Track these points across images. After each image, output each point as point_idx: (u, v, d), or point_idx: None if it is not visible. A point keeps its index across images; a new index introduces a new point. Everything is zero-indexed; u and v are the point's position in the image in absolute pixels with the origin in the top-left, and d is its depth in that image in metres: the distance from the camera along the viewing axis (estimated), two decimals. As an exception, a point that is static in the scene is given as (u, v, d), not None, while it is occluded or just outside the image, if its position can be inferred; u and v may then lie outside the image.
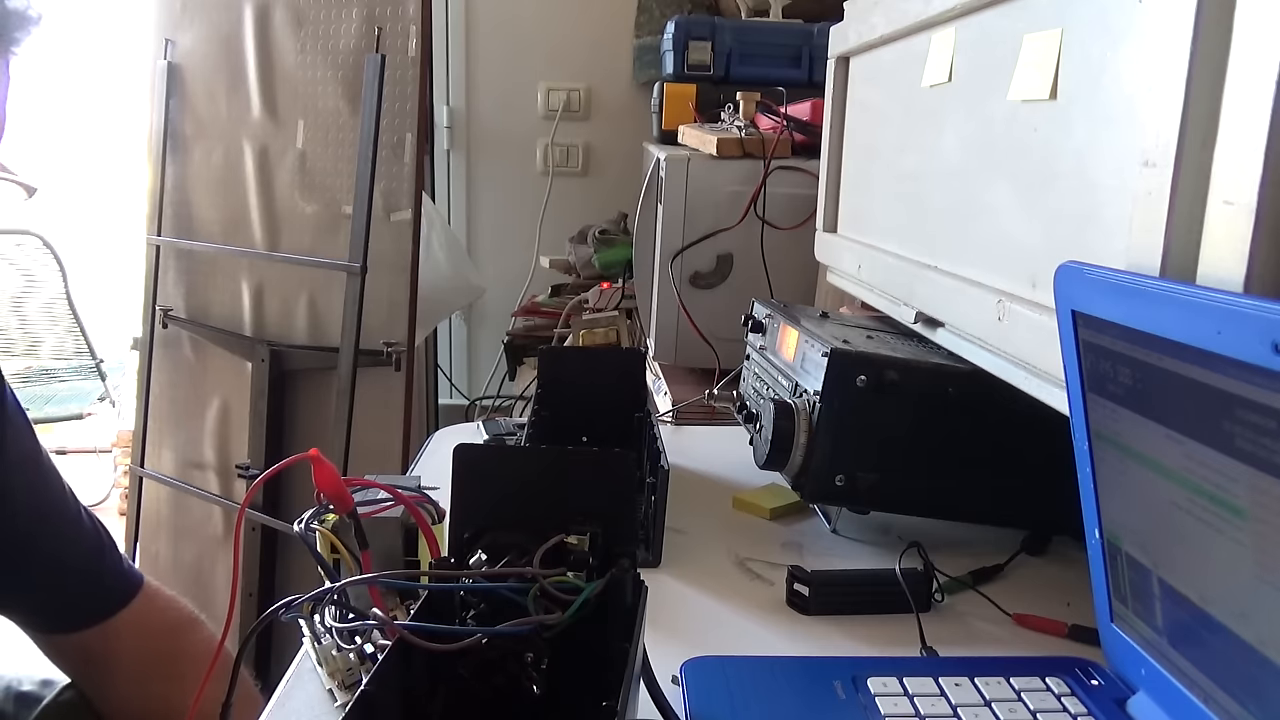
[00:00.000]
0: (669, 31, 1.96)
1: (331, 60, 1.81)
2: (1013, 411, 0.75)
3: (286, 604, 0.53)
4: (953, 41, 0.82)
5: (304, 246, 1.87)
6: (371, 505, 0.65)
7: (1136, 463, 0.53)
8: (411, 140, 1.77)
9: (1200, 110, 0.49)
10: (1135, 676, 0.58)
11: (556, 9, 2.75)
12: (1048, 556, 0.87)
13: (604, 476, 0.54)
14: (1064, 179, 0.64)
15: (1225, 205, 0.48)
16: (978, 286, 0.75)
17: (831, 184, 1.18)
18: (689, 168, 1.41)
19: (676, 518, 0.88)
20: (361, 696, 0.44)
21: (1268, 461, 0.41)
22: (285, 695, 0.64)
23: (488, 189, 2.86)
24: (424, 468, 1.08)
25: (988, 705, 0.59)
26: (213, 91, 1.97)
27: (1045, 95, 0.65)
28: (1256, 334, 0.40)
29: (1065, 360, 0.57)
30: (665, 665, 0.62)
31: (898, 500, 0.86)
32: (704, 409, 1.29)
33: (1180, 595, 0.51)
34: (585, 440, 0.99)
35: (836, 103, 1.16)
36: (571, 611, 0.49)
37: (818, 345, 0.85)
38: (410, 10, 1.74)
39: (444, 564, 0.54)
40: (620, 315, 1.95)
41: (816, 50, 1.84)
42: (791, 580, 0.77)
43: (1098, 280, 0.52)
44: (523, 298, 2.68)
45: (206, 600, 1.89)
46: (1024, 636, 0.73)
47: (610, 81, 2.79)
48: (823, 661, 0.66)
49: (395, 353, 1.77)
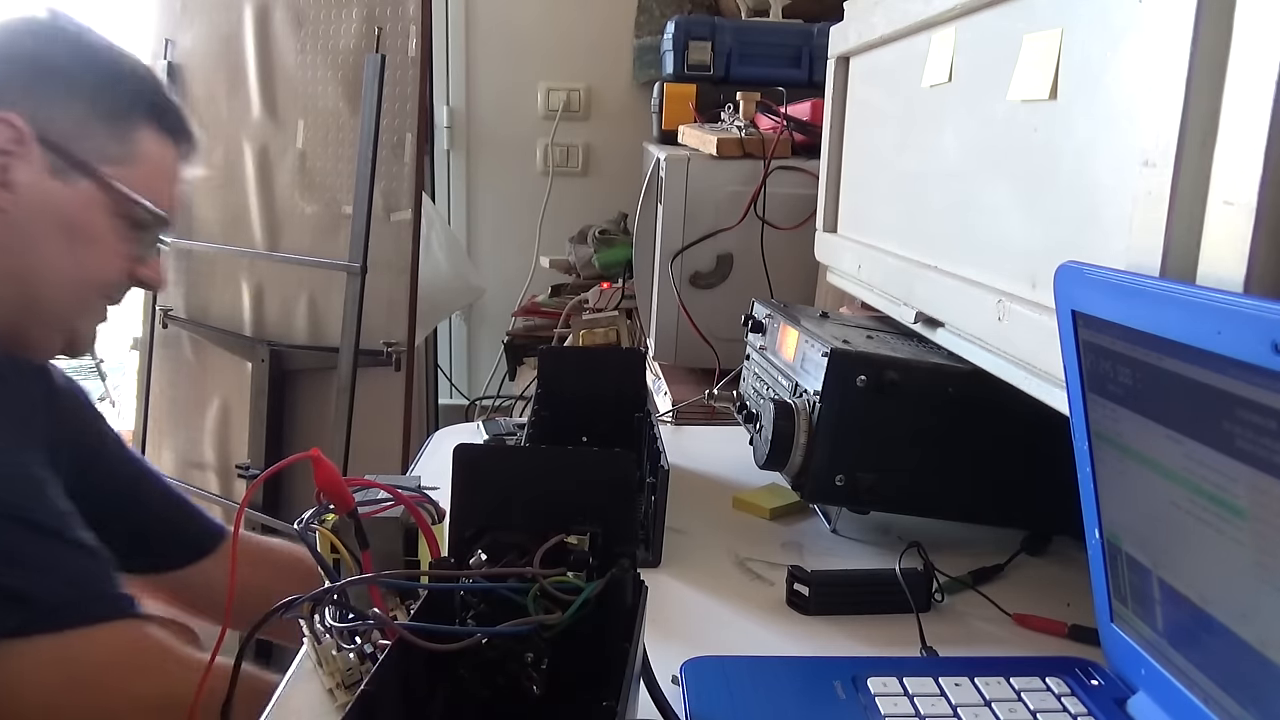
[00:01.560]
0: (669, 31, 1.96)
1: (331, 60, 1.81)
2: (1013, 411, 0.75)
3: (287, 604, 0.53)
4: (953, 41, 0.82)
5: (304, 246, 1.87)
6: (371, 505, 0.65)
7: (1136, 463, 0.53)
8: (411, 140, 1.77)
9: (1200, 110, 0.49)
10: (1135, 676, 0.58)
11: (556, 9, 2.75)
12: (1048, 556, 0.87)
13: (604, 476, 0.54)
14: (1064, 179, 0.64)
15: (1225, 205, 0.48)
16: (978, 286, 0.75)
17: (831, 184, 1.18)
18: (689, 168, 1.41)
19: (676, 518, 0.88)
20: (361, 696, 0.44)
21: (1268, 461, 0.41)
22: (285, 695, 0.64)
23: (488, 189, 2.86)
24: (424, 468, 1.08)
25: (988, 705, 0.59)
26: (213, 91, 1.97)
27: (1045, 95, 0.65)
28: (1256, 334, 0.40)
29: (1065, 360, 0.57)
30: (665, 665, 0.62)
31: (898, 500, 0.86)
32: (704, 409, 1.29)
33: (1180, 595, 0.51)
34: (585, 440, 0.99)
35: (836, 103, 1.16)
36: (571, 611, 0.49)
37: (818, 345, 0.85)
38: (410, 10, 1.74)
39: (444, 564, 0.54)
40: (620, 315, 1.95)
41: (816, 50, 1.84)
42: (791, 580, 0.77)
43: (1098, 280, 0.52)
44: (523, 298, 2.68)
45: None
46: (1024, 636, 0.73)
47: (610, 81, 2.79)
48: (823, 661, 0.66)
49: (395, 353, 1.77)
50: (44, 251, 0.80)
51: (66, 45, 0.84)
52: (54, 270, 0.81)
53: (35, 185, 0.79)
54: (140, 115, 0.85)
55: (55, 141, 0.80)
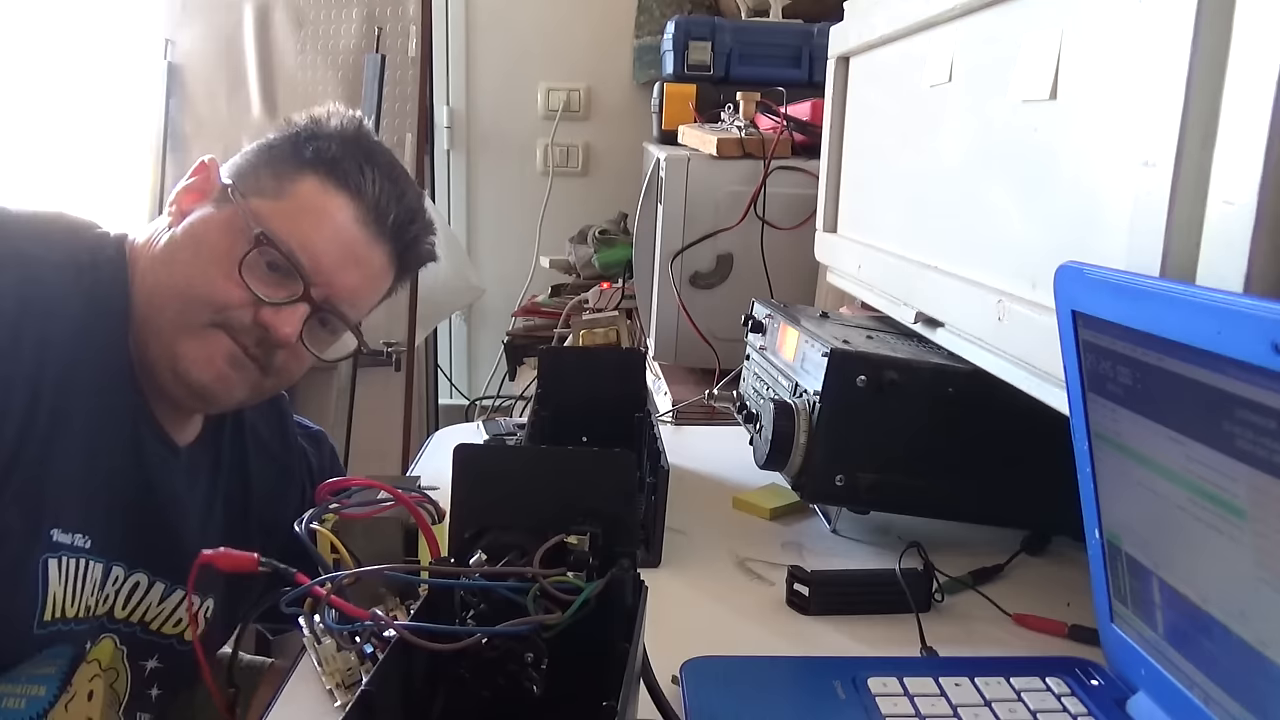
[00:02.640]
0: (669, 31, 1.96)
1: (331, 60, 1.81)
2: (1013, 412, 0.74)
3: (285, 596, 0.53)
4: (953, 41, 0.82)
5: (304, 246, 1.87)
6: (371, 505, 0.65)
7: (1136, 463, 0.53)
8: (411, 140, 1.77)
9: (1200, 110, 0.49)
10: (1135, 676, 0.58)
11: (556, 9, 2.75)
12: (1048, 556, 0.87)
13: (604, 476, 0.54)
14: (1064, 179, 0.64)
15: (1225, 205, 0.48)
16: (978, 286, 0.75)
17: (831, 184, 1.18)
18: (689, 168, 1.41)
19: (676, 518, 0.88)
20: (361, 696, 0.44)
21: (1268, 461, 0.41)
22: (285, 695, 0.64)
23: (488, 189, 2.86)
24: (424, 468, 1.08)
25: (988, 705, 0.59)
26: (213, 91, 1.97)
27: (1045, 95, 0.65)
28: (1256, 334, 0.40)
29: (1065, 360, 0.57)
30: (665, 665, 0.62)
31: (898, 500, 0.86)
32: (704, 409, 1.29)
33: (1180, 595, 0.51)
34: (585, 440, 0.99)
35: (836, 103, 1.16)
36: (571, 611, 0.49)
37: (818, 345, 0.85)
38: (410, 10, 1.74)
39: (444, 564, 0.54)
40: (620, 315, 1.95)
41: (816, 50, 1.84)
42: (791, 580, 0.77)
43: (1098, 280, 0.52)
44: (523, 298, 2.68)
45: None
46: (1024, 636, 0.73)
47: (610, 81, 2.79)
48: (823, 661, 0.66)
49: (395, 353, 1.78)
50: (176, 264, 0.79)
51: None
52: (173, 283, 0.79)
53: (203, 214, 0.81)
54: (308, 163, 0.82)
55: (233, 181, 0.82)
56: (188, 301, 0.78)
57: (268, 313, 0.78)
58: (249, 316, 0.78)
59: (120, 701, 0.83)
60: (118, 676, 0.82)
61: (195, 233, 0.80)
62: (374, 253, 0.83)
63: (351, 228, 0.82)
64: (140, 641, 0.83)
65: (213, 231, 0.79)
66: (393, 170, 0.87)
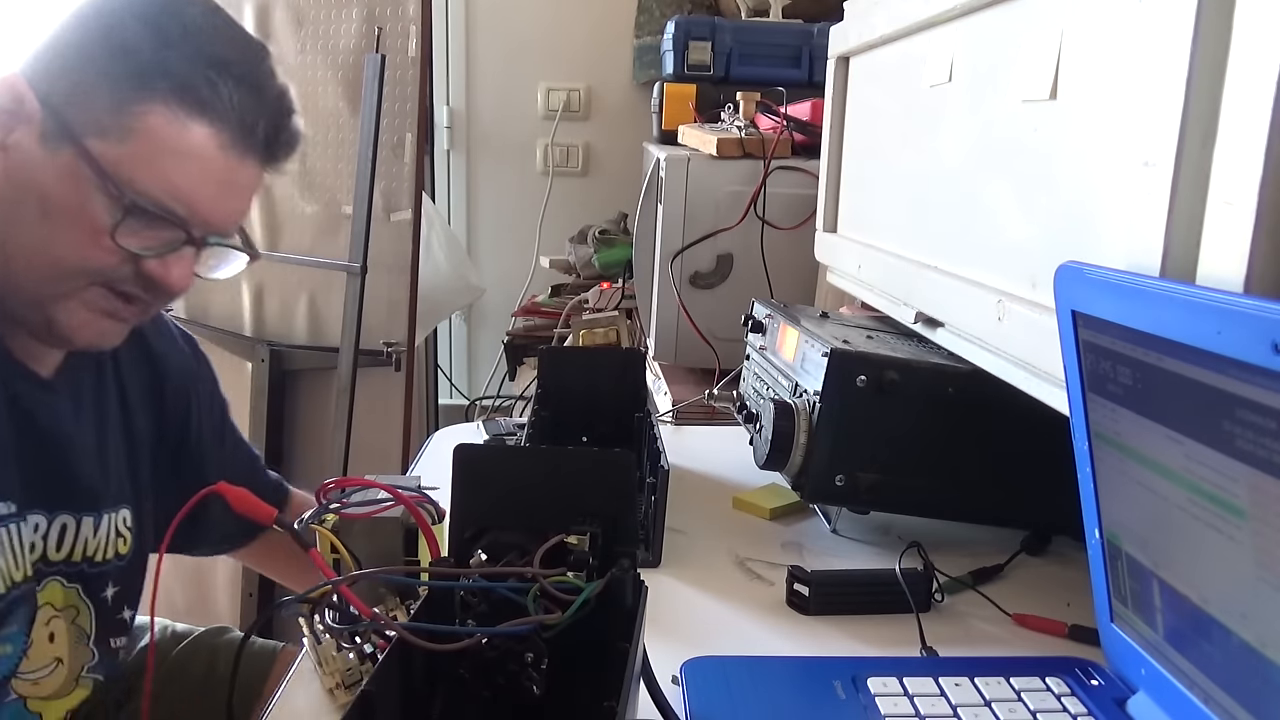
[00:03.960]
0: (669, 31, 1.96)
1: (331, 60, 1.81)
2: (1013, 412, 0.75)
3: (285, 603, 0.53)
4: (953, 41, 0.82)
5: (304, 246, 1.87)
6: (371, 505, 0.65)
7: (1136, 463, 0.53)
8: (411, 140, 1.77)
9: (1200, 110, 0.49)
10: (1135, 676, 0.58)
11: (556, 9, 2.75)
12: (1048, 556, 0.87)
13: (604, 476, 0.54)
14: (1064, 179, 0.64)
15: (1225, 205, 0.48)
16: (977, 286, 0.75)
17: (831, 184, 1.18)
18: (689, 168, 1.41)
19: (676, 518, 0.88)
20: (361, 696, 0.44)
21: (1268, 461, 0.41)
22: (285, 695, 0.64)
23: (488, 189, 2.86)
24: (424, 468, 1.08)
25: (988, 705, 0.59)
26: (213, 91, 1.96)
27: (1045, 95, 0.65)
28: (1256, 334, 0.40)
29: (1065, 360, 0.57)
30: (665, 665, 0.62)
31: (898, 500, 0.86)
32: (704, 409, 1.29)
33: (1180, 595, 0.51)
34: (585, 440, 0.99)
35: (836, 103, 1.16)
36: (571, 611, 0.49)
37: (818, 345, 0.85)
38: (410, 10, 1.74)
39: (444, 564, 0.54)
40: (620, 315, 1.95)
41: (816, 50, 1.84)
42: (791, 580, 0.77)
43: (1098, 280, 0.52)
44: (523, 298, 2.68)
45: (206, 599, 1.88)
46: (1024, 636, 0.73)
47: (610, 81, 2.79)
48: (823, 661, 0.66)
49: (395, 353, 1.78)
50: (17, 220, 0.71)
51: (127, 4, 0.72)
52: (21, 243, 0.71)
53: (26, 150, 0.70)
54: (157, 89, 0.70)
55: (54, 105, 0.70)
56: (59, 273, 0.71)
57: (153, 265, 0.73)
58: (130, 270, 0.73)
59: (89, 634, 0.83)
60: (79, 613, 0.82)
61: (28, 184, 0.70)
62: (247, 169, 0.76)
63: (218, 157, 0.73)
64: (90, 575, 0.82)
65: (54, 184, 0.70)
66: (244, 61, 0.76)
